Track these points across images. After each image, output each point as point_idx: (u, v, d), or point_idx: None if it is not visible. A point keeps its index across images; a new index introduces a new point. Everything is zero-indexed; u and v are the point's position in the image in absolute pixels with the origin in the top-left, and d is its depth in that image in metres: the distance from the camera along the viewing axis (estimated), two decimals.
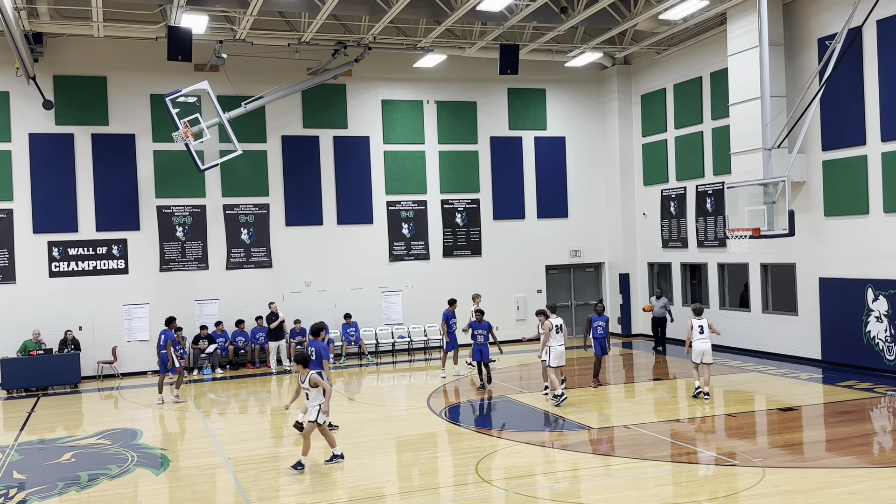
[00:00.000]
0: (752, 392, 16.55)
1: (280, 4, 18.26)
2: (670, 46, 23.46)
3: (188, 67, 21.04)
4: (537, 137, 25.51)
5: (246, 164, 22.02)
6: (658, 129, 24.49)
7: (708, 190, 22.49)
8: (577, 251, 25.98)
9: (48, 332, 20.28)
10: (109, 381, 20.70)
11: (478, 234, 24.86)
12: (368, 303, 23.51)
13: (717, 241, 22.13)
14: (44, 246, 20.84)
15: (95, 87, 21.30)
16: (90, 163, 21.25)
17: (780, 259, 20.14)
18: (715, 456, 11.60)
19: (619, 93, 25.53)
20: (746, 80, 19.26)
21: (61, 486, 11.27)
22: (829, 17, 18.45)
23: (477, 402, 16.61)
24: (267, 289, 22.55)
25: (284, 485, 11.09)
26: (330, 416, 12.03)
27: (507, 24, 20.16)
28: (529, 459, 11.90)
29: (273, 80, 21.91)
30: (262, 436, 14.25)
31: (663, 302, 22.50)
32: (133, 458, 12.66)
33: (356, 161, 23.59)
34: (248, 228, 22.60)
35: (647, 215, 25.14)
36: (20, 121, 20.66)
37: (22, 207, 20.68)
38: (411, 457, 12.47)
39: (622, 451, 12.04)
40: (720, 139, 21.69)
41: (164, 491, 11.16)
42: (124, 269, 21.46)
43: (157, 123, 21.53)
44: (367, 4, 18.89)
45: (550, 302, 18.16)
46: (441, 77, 24.20)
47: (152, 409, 17.09)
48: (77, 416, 16.95)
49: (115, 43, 20.86)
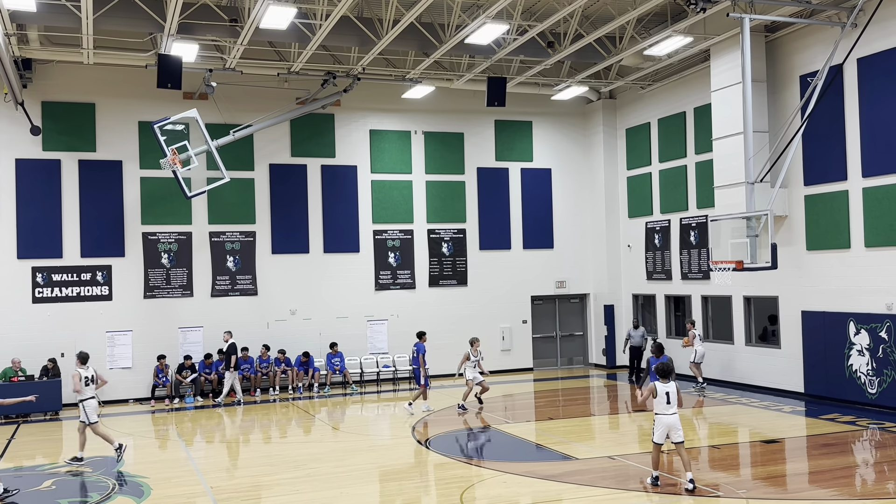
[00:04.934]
0: (735, 424, 16.59)
1: (270, 34, 18.42)
2: (655, 82, 23.83)
3: (177, 95, 21.15)
4: (524, 169, 25.73)
5: (233, 191, 22.05)
6: (642, 163, 24.77)
7: (692, 223, 22.71)
8: (563, 282, 26.09)
9: (30, 358, 20.07)
10: None
11: (464, 264, 24.94)
12: (354, 331, 23.47)
13: (701, 274, 22.30)
14: (28, 271, 20.71)
15: (84, 113, 21.34)
16: (76, 189, 21.22)
17: (762, 292, 20.31)
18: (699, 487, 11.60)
19: (605, 126, 25.84)
20: (729, 115, 19.55)
21: None
22: (811, 55, 18.82)
23: (462, 432, 16.56)
24: (252, 317, 22.48)
25: None
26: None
27: (495, 57, 20.44)
28: (514, 489, 11.86)
29: (262, 109, 22.04)
30: (245, 464, 14.12)
31: (641, 331, 22.75)
32: (114, 486, 12.51)
33: (343, 190, 23.68)
34: (234, 256, 22.57)
35: (632, 247, 25.32)
36: (7, 146, 20.64)
37: (6, 233, 20.58)
38: (395, 486, 12.39)
39: (607, 482, 12.02)
40: (704, 173, 21.96)
41: None
42: (108, 296, 21.34)
43: (145, 150, 21.56)
44: (357, 36, 19.11)
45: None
46: (429, 108, 24.42)
47: (134, 437, 16.91)
48: (57, 444, 16.75)
49: (104, 70, 20.95)
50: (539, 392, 21.84)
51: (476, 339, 19.30)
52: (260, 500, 11.72)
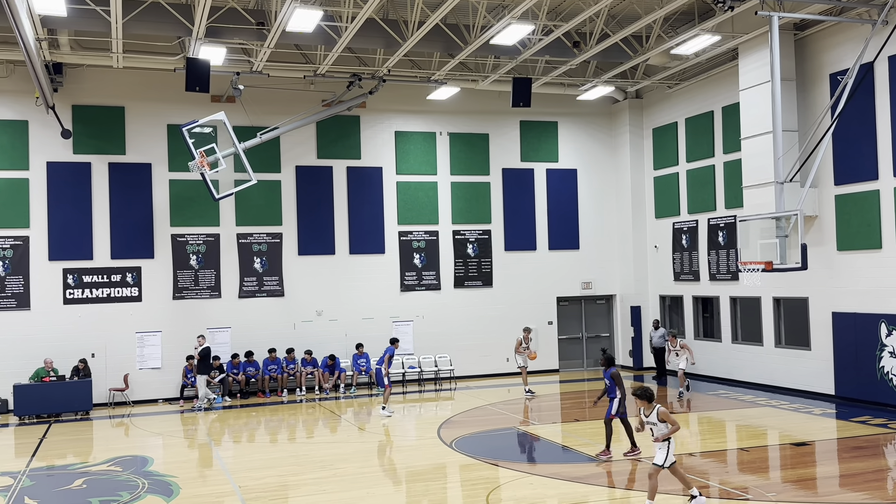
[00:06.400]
0: (764, 427, 16.41)
1: (297, 37, 18.54)
2: (682, 81, 23.65)
3: (205, 98, 21.35)
4: (549, 169, 25.66)
5: (260, 193, 22.21)
6: (670, 163, 24.59)
7: (720, 223, 22.51)
8: (589, 283, 25.97)
9: (62, 359, 20.37)
10: (121, 408, 20.74)
11: (489, 265, 24.91)
12: (379, 332, 23.49)
13: (730, 275, 22.09)
14: (59, 273, 21.01)
15: (113, 116, 21.62)
16: (107, 191, 21.50)
17: (792, 293, 20.08)
18: (728, 490, 11.49)
19: (631, 126, 25.69)
20: (758, 114, 19.35)
21: None
22: (841, 53, 18.58)
23: (488, 433, 16.54)
24: (279, 318, 22.63)
25: None
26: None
27: (520, 57, 20.40)
28: (541, 491, 11.83)
29: (288, 112, 22.19)
30: (272, 464, 14.21)
31: (661, 332, 22.70)
32: (144, 486, 12.65)
33: (369, 191, 23.76)
34: (261, 257, 22.74)
35: (659, 248, 25.14)
36: (39, 149, 20.97)
37: (38, 235, 20.90)
38: (421, 487, 12.41)
39: (634, 484, 11.94)
40: (732, 173, 21.75)
41: None
42: (138, 297, 21.59)
43: (174, 153, 21.80)
44: (383, 38, 19.17)
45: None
46: (454, 109, 24.43)
47: (163, 436, 17.10)
48: (88, 443, 16.97)
49: (133, 74, 21.21)
50: (565, 393, 21.76)
51: (529, 329, 21.05)
52: (287, 500, 11.80)
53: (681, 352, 20.09)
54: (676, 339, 20.48)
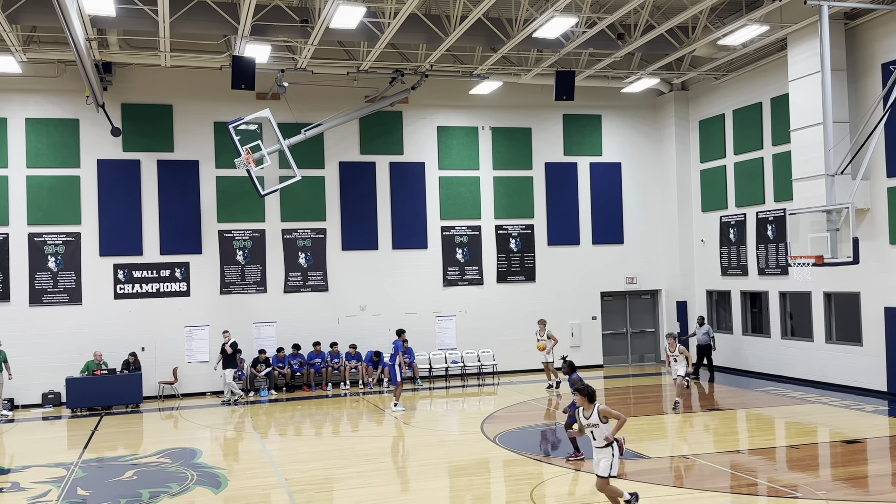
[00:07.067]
0: (814, 424, 16.09)
1: (340, 34, 18.65)
2: (729, 72, 23.24)
3: (250, 96, 21.60)
4: (593, 163, 25.44)
5: (304, 189, 22.41)
6: (717, 155, 24.20)
7: (769, 216, 22.10)
8: (633, 278, 25.72)
9: (112, 352, 20.83)
10: (170, 401, 21.14)
11: (532, 260, 24.81)
12: (422, 327, 23.60)
13: (779, 269, 21.69)
14: (109, 268, 21.48)
15: (162, 114, 22.00)
16: (155, 188, 21.90)
17: (843, 288, 19.63)
18: (777, 488, 11.31)
19: (677, 118, 25.34)
20: (808, 105, 18.95)
21: (123, 503, 11.52)
22: (893, 42, 18.09)
23: (532, 428, 16.50)
24: (323, 312, 22.84)
25: None
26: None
27: (564, 50, 20.24)
28: (585, 487, 11.76)
29: (332, 108, 22.34)
30: (318, 457, 14.35)
31: (706, 329, 22.41)
32: (193, 477, 12.88)
33: (411, 187, 23.83)
34: (306, 253, 22.96)
35: (706, 242, 24.78)
36: (89, 147, 21.43)
37: (89, 231, 21.38)
38: (465, 482, 12.43)
39: (680, 481, 11.81)
40: (781, 165, 21.34)
41: None
42: (186, 292, 21.97)
43: (220, 150, 22.11)
44: (425, 33, 19.18)
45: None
46: (496, 103, 24.36)
47: (211, 429, 17.39)
48: (138, 435, 17.34)
49: (180, 72, 21.54)
50: (609, 389, 21.59)
51: (542, 321, 21.51)
52: (332, 493, 11.91)
53: (680, 357, 17.96)
54: (676, 342, 18.25)
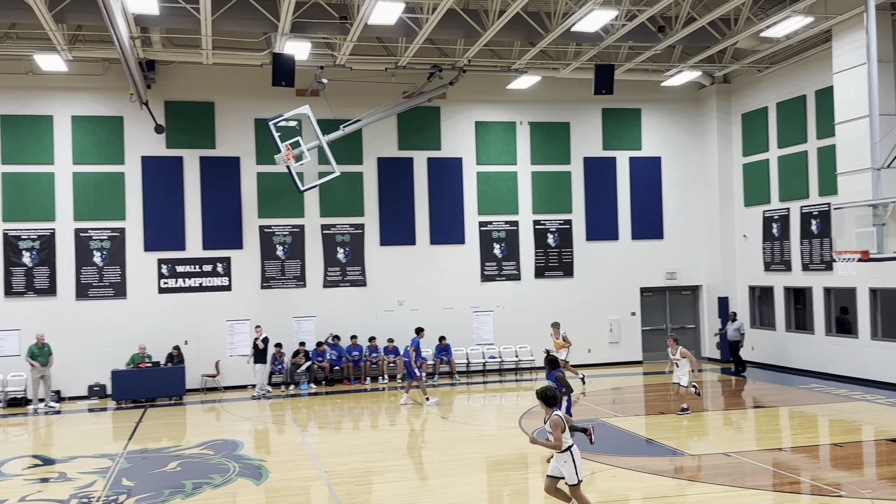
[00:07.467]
0: (859, 422, 15.79)
1: (379, 30, 18.72)
2: (772, 64, 22.85)
3: (290, 92, 21.81)
4: (632, 158, 25.22)
5: (343, 185, 22.57)
6: (760, 149, 23.82)
7: (813, 211, 21.71)
8: (674, 273, 25.45)
9: (155, 345, 21.21)
10: (212, 394, 21.48)
11: (570, 255, 24.69)
12: (460, 322, 23.64)
13: (823, 265, 21.30)
14: (154, 263, 21.87)
15: (204, 112, 22.31)
16: (198, 184, 22.23)
17: (890, 283, 19.21)
18: (820, 486, 11.13)
19: (719, 112, 24.98)
20: (853, 98, 18.56)
21: (167, 493, 11.73)
22: None
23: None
24: (361, 307, 23.00)
25: (377, 500, 11.25)
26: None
27: (603, 44, 20.09)
28: (624, 484, 11.70)
29: (370, 104, 22.45)
30: (357, 450, 14.47)
31: (737, 325, 22.29)
32: (235, 469, 13.08)
33: (449, 182, 23.85)
34: (345, 248, 23.13)
35: (748, 237, 24.42)
36: (133, 144, 21.82)
37: (134, 226, 21.79)
38: (503, 477, 12.44)
39: (721, 479, 11.69)
40: (826, 159, 20.93)
41: (263, 501, 11.48)
42: (228, 287, 22.28)
43: (261, 146, 22.36)
44: (463, 28, 19.17)
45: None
46: (534, 98, 24.26)
47: (252, 421, 17.63)
48: (181, 427, 17.64)
49: (222, 70, 21.81)
50: (649, 386, 21.41)
51: (554, 323, 21.04)
52: (372, 486, 12.01)
53: (682, 361, 16.45)
54: (678, 344, 16.73)
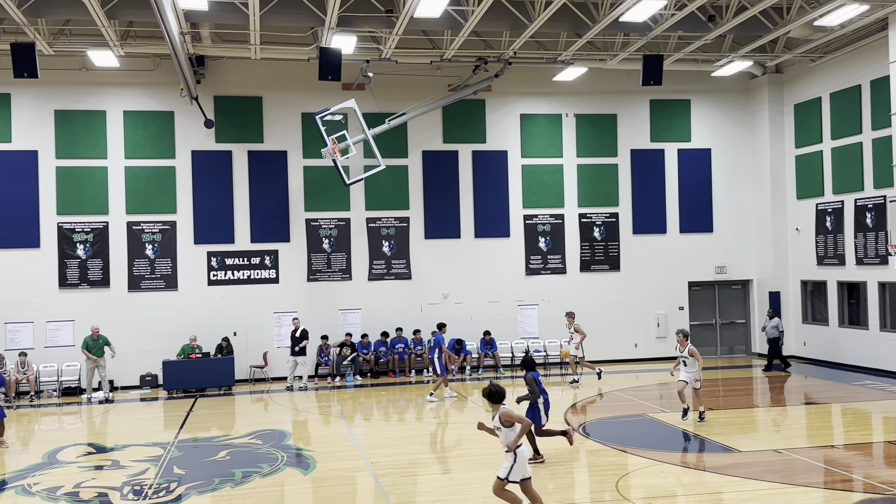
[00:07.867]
0: None
1: (424, 23, 18.72)
2: (826, 54, 22.28)
3: (336, 86, 21.94)
4: (681, 150, 24.84)
5: (388, 178, 22.65)
6: (813, 140, 23.27)
7: (868, 204, 21.15)
8: (723, 267, 25.03)
9: (206, 336, 21.58)
10: (260, 384, 21.79)
11: (616, 249, 24.45)
12: (504, 316, 23.58)
13: (879, 259, 20.74)
14: (203, 256, 22.24)
15: (252, 106, 22.58)
16: (246, 178, 22.52)
17: None
18: (874, 484, 10.86)
19: (770, 102, 24.47)
20: None
21: (217, 481, 11.95)
22: None
23: (616, 419, 16.30)
24: (406, 300, 23.09)
25: (423, 491, 11.29)
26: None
27: (651, 34, 19.79)
28: (672, 479, 11.56)
29: (415, 97, 22.48)
30: (402, 442, 14.54)
31: (776, 322, 21.93)
32: (283, 458, 13.26)
33: (494, 175, 23.78)
34: (390, 241, 23.23)
35: (801, 230, 23.90)
36: (184, 139, 22.19)
37: (185, 220, 22.17)
38: (548, 471, 12.38)
39: (771, 476, 11.47)
40: (882, 150, 20.37)
41: (310, 491, 11.62)
42: (275, 279, 22.56)
43: (307, 140, 22.56)
44: (509, 20, 19.06)
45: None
46: (580, 90, 24.04)
47: (300, 412, 17.83)
48: (231, 417, 17.93)
49: (269, 65, 22.05)
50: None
51: (568, 313, 21.05)
52: (417, 478, 12.06)
53: (690, 360, 15.36)
54: (687, 341, 15.53)
